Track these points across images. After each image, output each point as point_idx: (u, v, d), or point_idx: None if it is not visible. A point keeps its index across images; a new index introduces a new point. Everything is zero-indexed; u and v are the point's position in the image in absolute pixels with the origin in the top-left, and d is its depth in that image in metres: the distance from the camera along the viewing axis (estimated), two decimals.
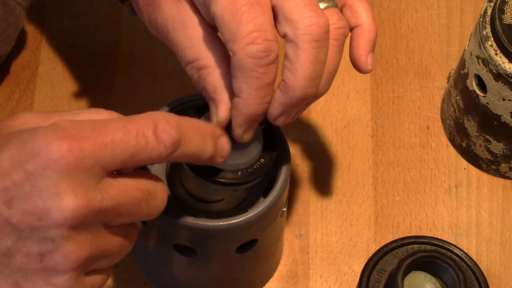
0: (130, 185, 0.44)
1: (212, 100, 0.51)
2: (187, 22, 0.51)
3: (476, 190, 0.73)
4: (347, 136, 0.75)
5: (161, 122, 0.44)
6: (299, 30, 0.49)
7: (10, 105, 0.75)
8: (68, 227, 0.42)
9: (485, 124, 0.70)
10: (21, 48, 0.77)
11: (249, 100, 0.49)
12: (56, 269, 0.43)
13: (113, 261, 0.46)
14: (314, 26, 0.49)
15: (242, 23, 0.48)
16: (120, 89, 0.76)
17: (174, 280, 0.65)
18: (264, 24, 0.48)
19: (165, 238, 0.59)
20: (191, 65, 0.52)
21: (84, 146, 0.42)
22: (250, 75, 0.48)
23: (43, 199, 0.42)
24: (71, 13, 0.80)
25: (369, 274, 0.64)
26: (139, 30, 0.79)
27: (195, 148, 0.47)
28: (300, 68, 0.49)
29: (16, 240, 0.42)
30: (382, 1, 0.81)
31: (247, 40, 0.48)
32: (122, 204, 0.44)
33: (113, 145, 0.43)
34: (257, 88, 0.49)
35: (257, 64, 0.48)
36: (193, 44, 0.51)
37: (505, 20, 0.64)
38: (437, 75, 0.78)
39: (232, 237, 0.57)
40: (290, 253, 0.70)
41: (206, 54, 0.51)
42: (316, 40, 0.49)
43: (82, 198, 0.42)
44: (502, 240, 0.71)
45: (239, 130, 0.51)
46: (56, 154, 0.41)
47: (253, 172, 0.54)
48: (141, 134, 0.44)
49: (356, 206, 0.72)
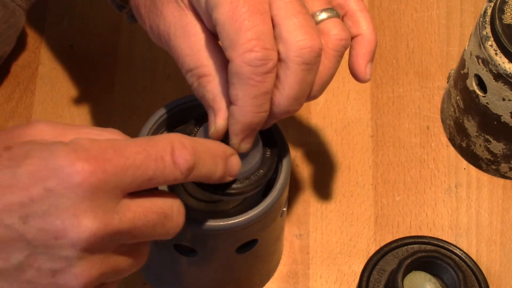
0: (147, 207, 0.45)
1: (211, 109, 0.51)
2: (189, 30, 0.52)
3: (476, 190, 0.73)
4: (347, 136, 0.75)
5: (178, 147, 0.45)
6: (291, 51, 0.49)
7: (10, 105, 0.75)
8: (83, 248, 0.42)
9: (485, 124, 0.70)
10: (21, 49, 0.77)
11: (245, 108, 0.49)
12: (67, 286, 0.43)
13: (123, 276, 0.46)
14: (307, 50, 0.49)
15: (242, 30, 0.48)
16: (120, 89, 0.76)
17: (174, 280, 0.65)
18: (263, 33, 0.48)
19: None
20: (191, 73, 0.52)
21: (106, 169, 0.42)
22: (247, 82, 0.48)
23: (62, 219, 0.41)
24: (71, 13, 0.80)
25: (369, 274, 0.64)
26: (139, 31, 0.79)
27: (207, 170, 0.47)
28: (287, 87, 0.50)
29: (29, 256, 0.42)
30: (382, 1, 0.81)
31: (246, 48, 0.48)
32: (138, 227, 0.44)
33: (134, 168, 0.43)
34: (253, 96, 0.49)
35: (254, 72, 0.48)
36: (194, 52, 0.51)
37: (505, 20, 0.64)
38: (437, 75, 0.78)
39: (232, 237, 0.57)
40: (290, 253, 0.70)
41: (207, 62, 0.51)
42: (307, 63, 0.49)
43: (100, 220, 0.42)
44: (502, 240, 0.71)
45: (236, 139, 0.51)
46: (79, 176, 0.41)
47: (258, 179, 0.54)
48: (160, 159, 0.44)
49: (356, 206, 0.72)
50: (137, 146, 0.43)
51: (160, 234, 0.46)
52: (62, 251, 0.42)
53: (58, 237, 0.42)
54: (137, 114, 0.75)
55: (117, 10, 0.62)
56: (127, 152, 0.43)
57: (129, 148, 0.43)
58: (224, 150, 0.49)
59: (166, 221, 0.46)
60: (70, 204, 0.41)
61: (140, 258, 0.47)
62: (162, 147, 0.44)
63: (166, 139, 0.45)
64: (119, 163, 0.42)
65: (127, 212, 0.43)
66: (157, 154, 0.44)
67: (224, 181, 0.50)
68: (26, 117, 0.75)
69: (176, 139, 0.45)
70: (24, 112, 0.75)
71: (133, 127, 0.72)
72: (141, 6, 0.55)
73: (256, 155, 0.54)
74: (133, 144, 0.44)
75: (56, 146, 0.42)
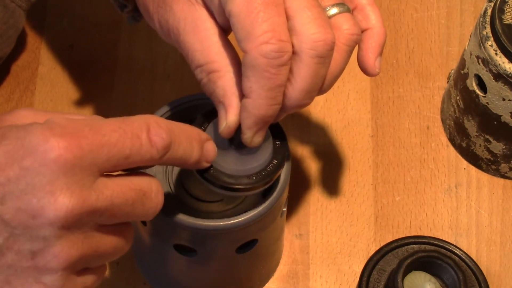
0: (124, 185, 0.44)
1: (221, 104, 0.51)
2: (199, 25, 0.51)
3: (476, 190, 0.73)
4: (347, 136, 0.75)
5: (154, 126, 0.45)
6: (305, 44, 0.49)
7: (10, 105, 0.75)
8: (61, 226, 0.42)
9: (485, 124, 0.70)
10: (21, 49, 0.77)
11: (259, 101, 0.49)
12: (47, 267, 0.43)
13: (107, 261, 0.46)
14: (321, 43, 0.49)
15: (257, 22, 0.48)
16: (120, 89, 0.76)
17: (174, 280, 0.65)
18: (278, 25, 0.48)
19: (165, 238, 0.59)
20: (201, 69, 0.51)
21: (82, 145, 0.42)
22: (262, 75, 0.48)
23: (38, 197, 0.41)
24: (71, 13, 0.80)
25: (369, 274, 0.64)
26: (139, 31, 0.79)
27: (183, 152, 0.47)
28: (300, 80, 0.50)
29: (8, 238, 0.42)
30: (382, 1, 0.81)
31: (262, 40, 0.48)
32: (116, 204, 0.44)
33: (110, 145, 0.43)
34: (268, 88, 0.49)
35: (269, 64, 0.48)
36: (204, 47, 0.51)
37: (505, 20, 0.64)
38: (437, 75, 0.78)
39: (232, 237, 0.57)
40: (290, 253, 0.70)
41: (217, 57, 0.51)
42: (320, 56, 0.49)
43: (77, 197, 0.42)
44: (502, 240, 0.71)
45: (249, 133, 0.51)
46: (54, 152, 0.41)
47: (268, 174, 0.54)
48: (135, 136, 0.44)
49: (356, 206, 0.72)
50: (113, 125, 0.44)
51: (139, 214, 0.46)
52: (40, 230, 0.42)
53: (35, 216, 0.42)
54: (137, 114, 0.75)
55: (119, 9, 0.62)
56: (103, 130, 0.43)
57: (105, 126, 0.43)
58: (200, 134, 0.49)
59: (145, 199, 0.46)
60: (46, 181, 0.41)
61: (123, 241, 0.47)
62: (138, 126, 0.44)
63: (142, 118, 0.45)
64: (95, 140, 0.43)
65: (105, 189, 0.43)
66: (133, 132, 0.44)
67: (200, 167, 0.50)
68: None
69: (151, 119, 0.45)
70: None
71: None
72: (148, 2, 0.54)
73: (268, 147, 0.54)
74: (109, 123, 0.44)
75: (32, 125, 0.42)
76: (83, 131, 0.43)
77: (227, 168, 0.52)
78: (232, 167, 0.52)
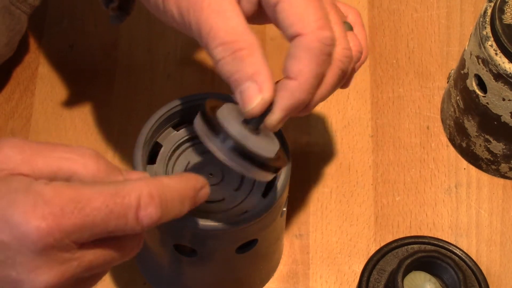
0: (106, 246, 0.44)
1: (252, 82, 0.49)
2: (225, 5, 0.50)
3: (476, 190, 0.73)
4: (347, 136, 0.75)
5: (145, 202, 0.43)
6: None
7: (10, 105, 0.75)
8: None
9: (485, 124, 0.70)
10: (21, 49, 0.77)
11: (305, 85, 0.49)
12: None
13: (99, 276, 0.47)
14: (327, 39, 0.50)
15: (313, 7, 0.48)
16: (120, 89, 0.76)
17: (174, 280, 0.65)
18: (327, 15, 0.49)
19: (165, 238, 0.59)
20: (225, 47, 0.50)
21: (64, 228, 0.41)
22: (314, 59, 0.48)
23: (18, 271, 0.41)
24: (71, 13, 0.80)
25: (369, 274, 0.64)
26: (139, 31, 0.79)
27: (172, 216, 0.46)
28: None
29: None
30: (382, 1, 0.81)
31: (319, 25, 0.48)
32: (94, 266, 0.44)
33: (93, 225, 0.42)
34: (315, 74, 0.49)
35: (323, 50, 0.48)
36: (229, 26, 0.50)
37: (505, 20, 0.64)
38: (437, 75, 0.78)
39: (232, 237, 0.57)
40: (290, 253, 0.70)
41: (244, 37, 0.50)
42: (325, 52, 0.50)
43: (56, 273, 0.42)
44: (502, 240, 0.71)
45: (280, 115, 0.49)
46: (34, 236, 0.41)
47: (284, 156, 0.53)
48: (122, 217, 0.43)
49: (356, 206, 0.72)
50: (100, 201, 0.42)
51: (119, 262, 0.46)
52: None
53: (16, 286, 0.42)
54: (137, 114, 0.75)
55: (104, 5, 0.61)
56: (88, 208, 0.42)
57: (91, 203, 0.42)
58: (195, 186, 0.48)
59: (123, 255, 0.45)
60: (25, 260, 0.41)
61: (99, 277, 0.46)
62: (127, 203, 0.43)
63: (135, 190, 0.43)
64: (78, 221, 0.42)
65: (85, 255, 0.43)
66: (120, 211, 0.43)
67: None
68: (26, 117, 0.75)
69: (145, 191, 0.44)
70: (24, 112, 0.75)
71: (133, 127, 0.73)
72: None
73: (273, 137, 0.53)
74: (97, 198, 0.42)
75: (16, 196, 0.41)
76: (67, 209, 0.41)
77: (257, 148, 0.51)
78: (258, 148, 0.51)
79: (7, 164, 0.43)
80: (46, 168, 0.44)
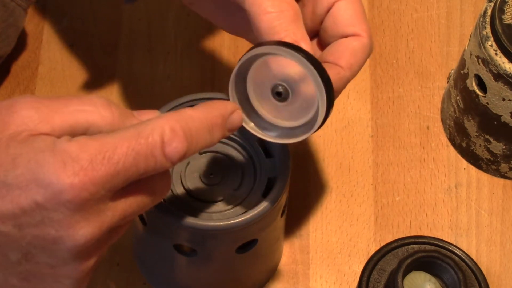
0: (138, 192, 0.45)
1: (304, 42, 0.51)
2: None
3: (476, 190, 0.73)
4: (347, 136, 0.75)
5: (168, 136, 0.44)
6: None
7: None
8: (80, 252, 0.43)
9: (485, 124, 0.70)
10: (21, 48, 0.77)
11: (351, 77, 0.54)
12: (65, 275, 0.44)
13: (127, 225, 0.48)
14: None
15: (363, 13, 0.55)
16: (120, 89, 0.76)
17: (174, 280, 0.65)
18: None
19: (165, 238, 0.59)
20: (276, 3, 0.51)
21: (96, 181, 0.42)
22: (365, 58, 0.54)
23: (56, 229, 0.42)
24: (71, 13, 0.80)
25: (369, 274, 0.64)
26: (139, 30, 0.79)
27: (202, 146, 0.46)
28: None
29: (26, 254, 0.43)
30: (382, 1, 0.81)
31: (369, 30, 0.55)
32: (130, 212, 0.45)
33: (124, 171, 0.43)
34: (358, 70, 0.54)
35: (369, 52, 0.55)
36: None
37: (505, 20, 0.64)
38: (437, 75, 0.78)
39: (232, 237, 0.57)
40: (290, 253, 0.70)
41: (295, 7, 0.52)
42: None
43: (94, 225, 0.42)
44: (502, 240, 0.71)
45: None
46: (69, 193, 0.41)
47: None
48: (150, 156, 0.43)
49: (356, 206, 0.72)
50: (125, 146, 0.43)
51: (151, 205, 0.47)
52: (59, 252, 0.43)
53: (54, 243, 0.42)
54: None
55: None
56: (116, 156, 0.42)
57: (117, 150, 0.43)
58: (222, 112, 0.48)
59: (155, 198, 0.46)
60: (63, 217, 0.42)
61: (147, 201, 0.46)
62: (152, 142, 0.43)
63: (156, 127, 0.44)
64: (109, 170, 0.42)
65: (119, 204, 0.44)
66: (147, 151, 0.43)
67: None
68: None
69: (166, 127, 0.44)
70: None
71: None
72: None
73: None
74: (122, 144, 0.43)
75: (44, 156, 0.42)
76: (95, 161, 0.42)
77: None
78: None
79: (26, 125, 0.43)
80: (64, 124, 0.44)
